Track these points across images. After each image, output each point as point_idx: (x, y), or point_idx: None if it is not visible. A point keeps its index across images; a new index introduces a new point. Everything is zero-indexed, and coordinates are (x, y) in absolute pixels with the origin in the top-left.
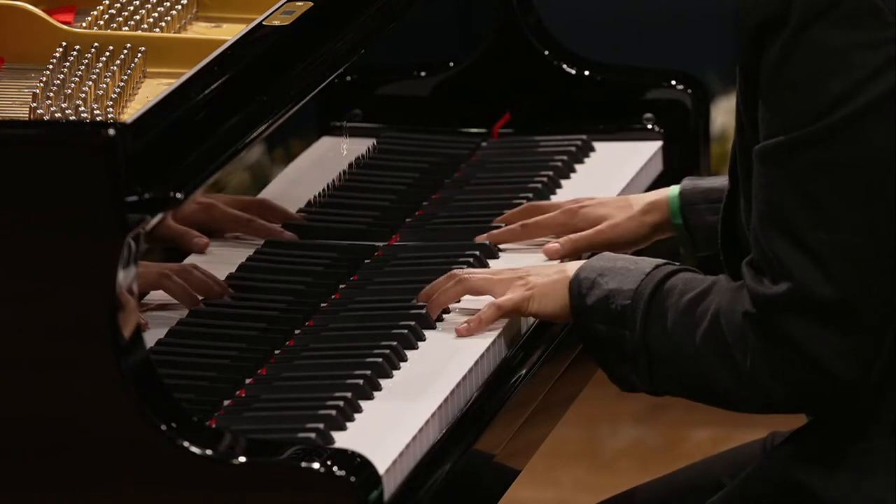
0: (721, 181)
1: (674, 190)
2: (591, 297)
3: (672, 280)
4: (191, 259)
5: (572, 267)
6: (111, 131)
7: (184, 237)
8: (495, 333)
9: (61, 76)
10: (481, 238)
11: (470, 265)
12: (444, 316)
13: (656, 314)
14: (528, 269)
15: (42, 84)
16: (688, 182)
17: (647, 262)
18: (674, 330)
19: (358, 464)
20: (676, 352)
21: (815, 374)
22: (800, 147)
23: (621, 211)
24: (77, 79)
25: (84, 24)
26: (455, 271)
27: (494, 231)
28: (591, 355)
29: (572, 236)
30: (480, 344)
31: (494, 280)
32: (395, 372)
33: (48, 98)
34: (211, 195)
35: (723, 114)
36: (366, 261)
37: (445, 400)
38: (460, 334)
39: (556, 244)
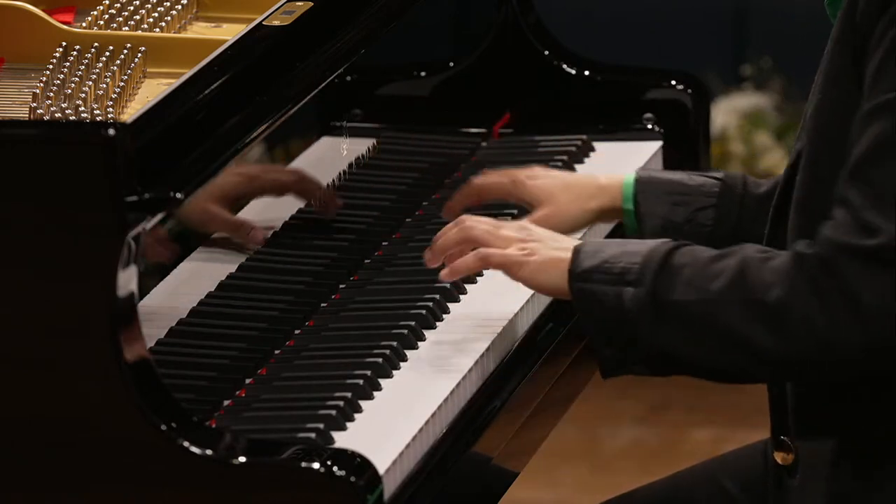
0: (679, 176)
1: (629, 176)
2: (594, 260)
3: (687, 247)
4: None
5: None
6: (111, 131)
7: (240, 229)
8: (495, 333)
9: (61, 76)
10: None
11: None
12: (445, 316)
13: (670, 270)
14: (533, 234)
15: (42, 84)
16: (644, 171)
17: (656, 241)
18: (692, 280)
19: (358, 464)
20: (693, 303)
21: (860, 324)
22: None
23: (565, 193)
24: (77, 79)
25: (84, 24)
26: (462, 217)
27: (450, 202)
28: (582, 322)
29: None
30: (481, 343)
31: (496, 234)
32: (395, 372)
33: (48, 98)
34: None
35: (723, 114)
36: (366, 261)
37: (445, 400)
38: (443, 278)
39: None
